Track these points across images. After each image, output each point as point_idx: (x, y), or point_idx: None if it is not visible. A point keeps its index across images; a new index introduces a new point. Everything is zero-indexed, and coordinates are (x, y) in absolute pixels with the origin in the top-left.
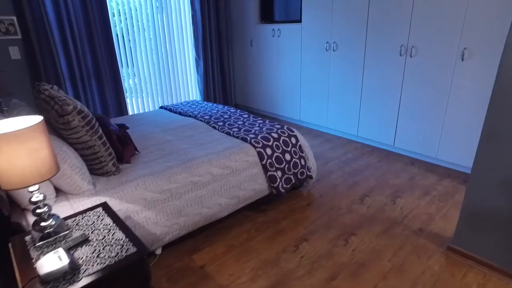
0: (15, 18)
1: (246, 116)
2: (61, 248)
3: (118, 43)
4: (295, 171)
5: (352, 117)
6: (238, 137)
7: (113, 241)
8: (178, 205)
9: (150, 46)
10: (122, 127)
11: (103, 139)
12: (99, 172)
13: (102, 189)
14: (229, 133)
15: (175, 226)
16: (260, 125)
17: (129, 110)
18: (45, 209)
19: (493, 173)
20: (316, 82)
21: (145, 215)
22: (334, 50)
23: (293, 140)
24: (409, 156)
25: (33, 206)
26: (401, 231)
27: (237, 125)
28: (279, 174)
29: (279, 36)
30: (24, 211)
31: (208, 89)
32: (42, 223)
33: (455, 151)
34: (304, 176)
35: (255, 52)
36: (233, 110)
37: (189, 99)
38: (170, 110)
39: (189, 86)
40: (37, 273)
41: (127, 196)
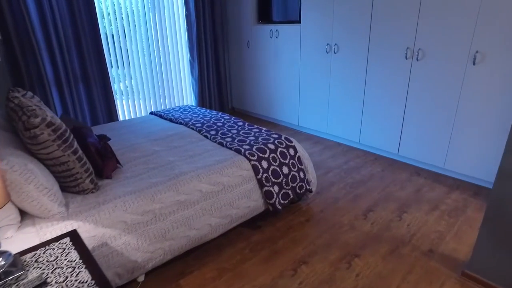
0: None
1: (241, 124)
2: None
3: (108, 45)
4: (294, 185)
5: (353, 123)
6: (231, 148)
7: (75, 284)
8: (162, 228)
9: (142, 48)
10: (103, 138)
11: (78, 153)
12: (74, 190)
13: (75, 211)
14: (221, 144)
15: (159, 251)
16: (256, 134)
17: (119, 115)
18: None
19: None
20: (316, 86)
21: (124, 240)
22: (335, 53)
23: (291, 151)
24: (414, 166)
25: None
26: (409, 252)
27: (230, 134)
28: (275, 189)
29: (277, 37)
30: None
31: (203, 92)
32: None
33: (465, 161)
34: (303, 190)
35: (252, 54)
36: (227, 117)
37: (183, 103)
38: (160, 116)
39: (183, 90)
40: None
41: (104, 220)
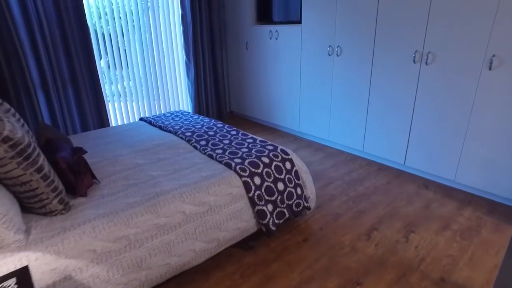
0: None
1: (234, 133)
2: None
3: (98, 47)
4: (290, 202)
5: (357, 130)
6: (221, 162)
7: None
8: (138, 256)
9: (135, 49)
10: (77, 151)
11: (44, 171)
12: (41, 212)
13: (36, 239)
14: (211, 156)
15: (134, 282)
16: (250, 145)
17: (112, 120)
18: None
19: None
20: (317, 90)
21: (92, 272)
22: (337, 55)
23: (287, 165)
24: (422, 177)
25: None
26: (418, 280)
27: (222, 145)
28: (269, 208)
29: (276, 39)
30: None
31: (200, 95)
32: None
33: (478, 174)
34: (300, 208)
35: (250, 56)
36: (220, 125)
37: (178, 106)
38: (150, 122)
39: (178, 92)
40: None
41: (69, 249)
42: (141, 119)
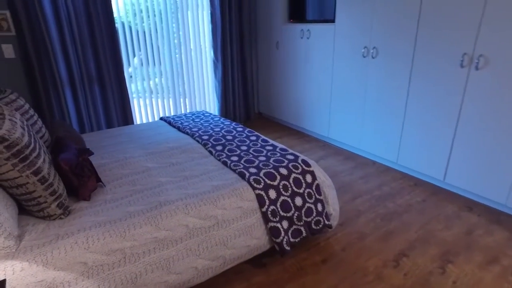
0: (8, 12)
1: (254, 138)
2: None
3: (126, 45)
4: (308, 220)
5: (391, 140)
6: (235, 171)
7: None
8: (133, 271)
9: (163, 46)
10: (83, 152)
11: (42, 174)
12: (39, 215)
13: (27, 246)
14: (225, 163)
15: None
16: (269, 153)
17: (137, 118)
18: None
19: None
20: (349, 94)
21: (81, 286)
22: (373, 57)
23: (308, 178)
24: (465, 197)
25: None
26: None
27: (238, 152)
28: (284, 225)
29: (308, 38)
30: None
31: (227, 95)
32: None
33: None
34: (320, 226)
35: (281, 56)
36: (240, 129)
37: (205, 106)
38: (169, 123)
39: (205, 92)
40: None
41: (58, 260)
42: (161, 118)
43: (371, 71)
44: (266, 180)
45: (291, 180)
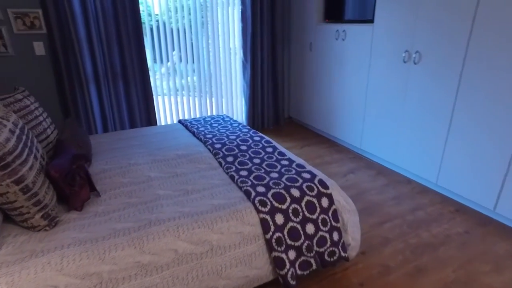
0: (40, 11)
1: (270, 150)
2: None
3: (153, 43)
4: (320, 250)
5: (432, 157)
6: (241, 188)
7: None
8: None
9: (191, 44)
10: (78, 159)
11: (25, 183)
12: (24, 225)
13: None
14: (233, 178)
15: None
16: (283, 169)
17: (161, 117)
18: None
19: None
20: (386, 103)
21: None
22: (415, 63)
23: (324, 202)
24: None
25: None
26: None
27: (249, 166)
28: (291, 255)
29: (343, 40)
30: None
31: (255, 98)
32: None
33: None
34: (334, 258)
35: (314, 58)
36: (257, 138)
37: (232, 108)
38: (186, 126)
39: (233, 93)
40: None
41: (26, 282)
42: (179, 121)
43: (412, 78)
44: (274, 202)
45: (303, 204)
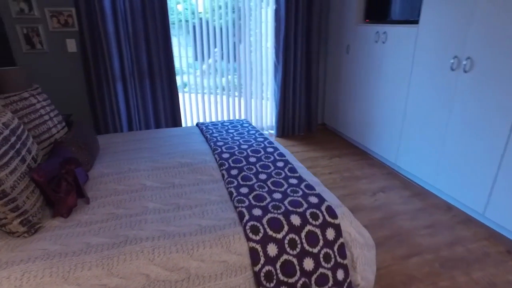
0: (73, 9)
1: (280, 165)
2: None
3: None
4: None
5: (480, 182)
6: (236, 208)
7: None
8: None
9: (220, 43)
10: (68, 163)
11: (2, 187)
12: (3, 230)
13: None
14: (231, 195)
15: None
16: (288, 190)
17: (187, 117)
18: None
19: None
20: (428, 115)
21: None
22: (465, 71)
23: (329, 234)
24: None
25: None
26: None
27: (253, 182)
28: None
29: (383, 42)
30: None
31: (286, 101)
32: None
33: None
34: None
35: (351, 62)
36: (270, 150)
37: (261, 111)
38: (201, 130)
39: (263, 95)
40: None
41: None
42: (197, 124)
43: (460, 88)
44: (268, 230)
45: (303, 234)
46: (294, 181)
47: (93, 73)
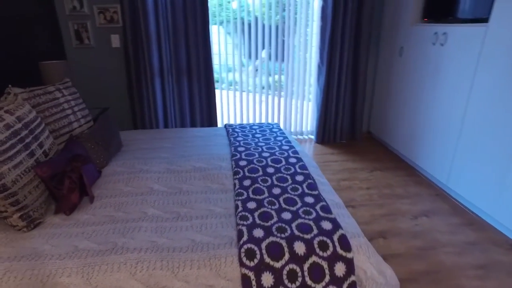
0: (119, 6)
1: (300, 179)
2: None
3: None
4: None
5: None
6: (238, 225)
7: None
8: None
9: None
10: (76, 160)
11: (3, 181)
12: (5, 222)
13: None
14: (236, 207)
15: None
16: (301, 210)
17: (223, 117)
18: None
19: None
20: (490, 133)
21: None
22: None
23: (339, 270)
24: None
25: None
26: None
27: (264, 196)
28: None
29: (442, 45)
30: None
31: (329, 106)
32: None
33: None
34: None
35: (404, 65)
36: (293, 161)
37: (301, 114)
38: (227, 132)
39: (304, 98)
40: None
41: None
42: (225, 125)
43: None
44: (265, 256)
45: (306, 266)
46: (310, 199)
47: (133, 68)
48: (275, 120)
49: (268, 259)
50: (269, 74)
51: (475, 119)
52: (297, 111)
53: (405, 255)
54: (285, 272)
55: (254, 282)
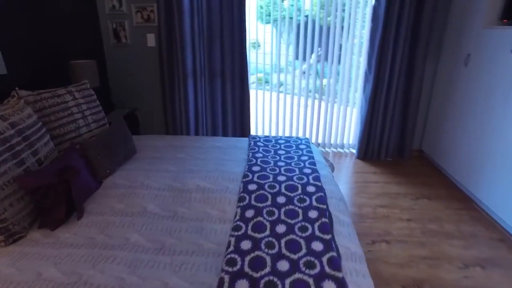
0: (155, 5)
1: (313, 216)
2: None
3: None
4: None
5: None
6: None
7: None
8: None
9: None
10: (66, 171)
11: None
12: None
13: None
14: (228, 246)
15: None
16: (302, 261)
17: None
18: None
19: None
20: None
21: None
22: None
23: None
24: None
25: None
26: None
27: (264, 235)
28: None
29: None
30: None
31: (374, 118)
32: None
33: None
34: None
35: (469, 77)
36: (311, 189)
37: (343, 126)
38: (249, 145)
39: (347, 109)
40: None
41: None
42: (250, 136)
43: None
44: None
45: None
46: (318, 246)
47: (166, 68)
48: (314, 128)
49: None
50: (316, 78)
51: None
52: (338, 121)
53: None
54: None
55: None
